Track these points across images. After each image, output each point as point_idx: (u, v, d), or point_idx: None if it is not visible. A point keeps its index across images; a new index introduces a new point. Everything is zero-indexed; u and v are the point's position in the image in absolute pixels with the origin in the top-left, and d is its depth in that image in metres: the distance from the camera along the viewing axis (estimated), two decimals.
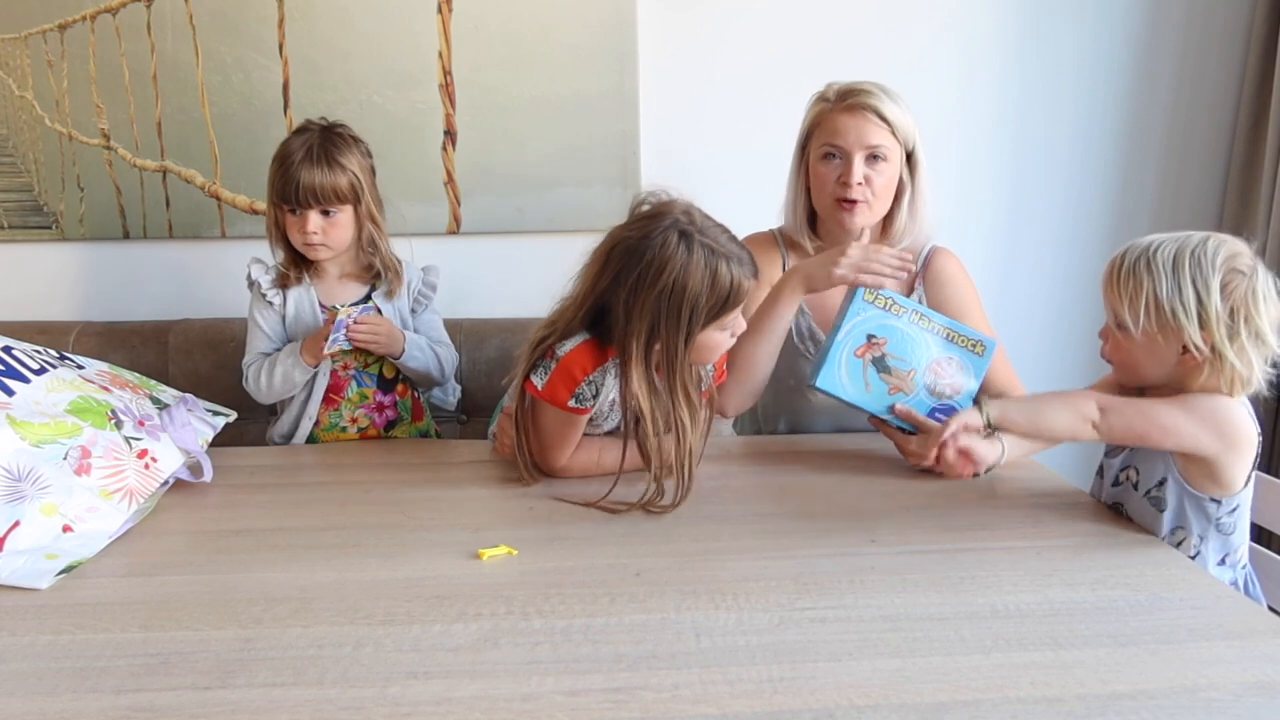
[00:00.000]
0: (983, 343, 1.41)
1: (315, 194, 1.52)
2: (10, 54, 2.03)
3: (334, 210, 1.55)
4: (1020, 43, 2.14)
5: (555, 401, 1.29)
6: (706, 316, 1.21)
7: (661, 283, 1.19)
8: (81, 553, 1.13)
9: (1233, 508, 1.15)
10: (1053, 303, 2.29)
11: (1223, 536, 1.16)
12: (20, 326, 1.82)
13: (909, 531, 1.19)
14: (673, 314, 1.20)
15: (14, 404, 1.25)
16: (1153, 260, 1.10)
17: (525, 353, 1.32)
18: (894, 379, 1.39)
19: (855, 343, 1.39)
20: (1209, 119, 2.22)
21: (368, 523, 1.24)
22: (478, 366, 1.97)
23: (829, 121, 1.48)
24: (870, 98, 1.45)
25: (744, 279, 1.22)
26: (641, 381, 1.23)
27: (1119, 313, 1.13)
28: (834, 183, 1.48)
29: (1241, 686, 0.84)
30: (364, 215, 1.60)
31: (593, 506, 1.27)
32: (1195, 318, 1.08)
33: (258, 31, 2.02)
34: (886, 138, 1.45)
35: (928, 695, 0.83)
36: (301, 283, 1.62)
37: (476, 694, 0.84)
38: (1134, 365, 1.16)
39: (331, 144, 1.55)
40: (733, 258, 1.21)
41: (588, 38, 2.05)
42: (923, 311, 1.41)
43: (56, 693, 0.85)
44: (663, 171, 2.09)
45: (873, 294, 1.39)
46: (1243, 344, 1.08)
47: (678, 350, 1.22)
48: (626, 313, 1.22)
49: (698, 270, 1.19)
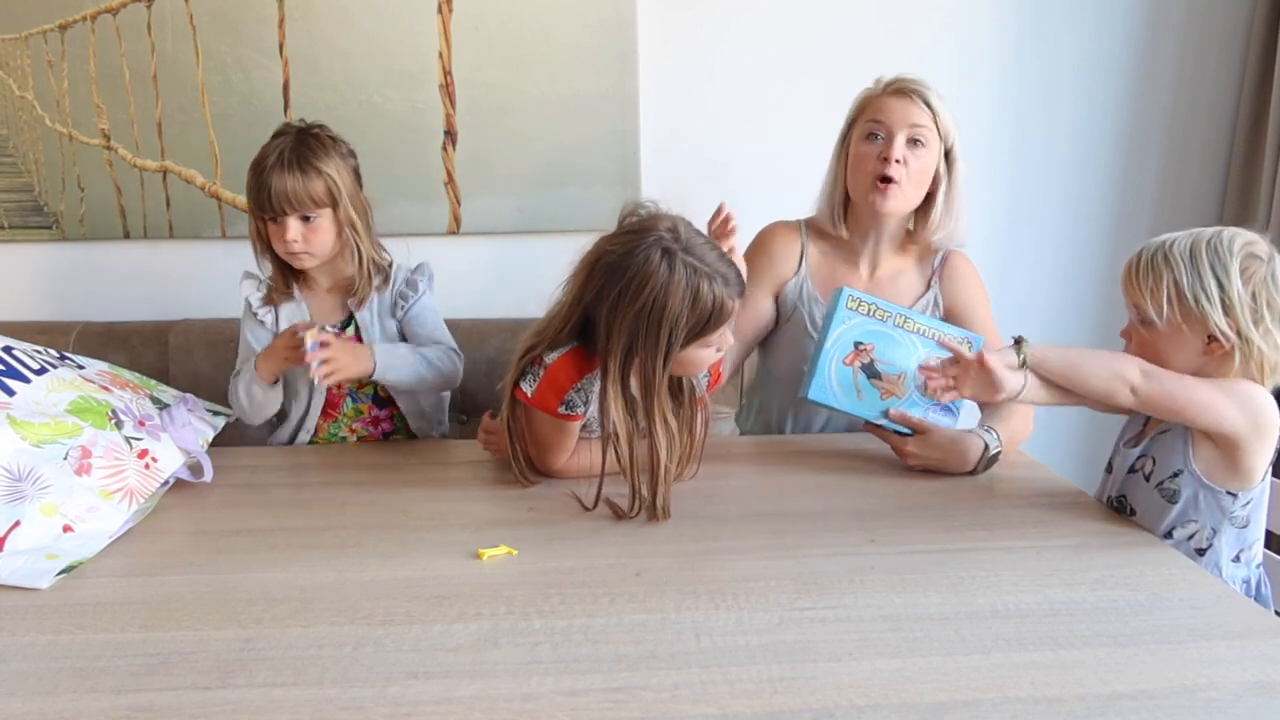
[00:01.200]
0: (970, 340, 1.41)
1: (289, 200, 1.46)
2: (10, 54, 2.03)
3: (313, 215, 1.49)
4: (1020, 43, 2.14)
5: (545, 409, 1.29)
6: (687, 335, 1.20)
7: (641, 300, 1.17)
8: (82, 553, 1.13)
9: (1248, 501, 1.15)
10: (1053, 303, 2.29)
11: (1237, 531, 1.16)
12: (20, 326, 1.82)
13: (909, 531, 1.19)
14: (651, 332, 1.18)
15: (14, 404, 1.25)
16: (1170, 253, 1.12)
17: (514, 360, 1.33)
18: (885, 384, 1.40)
19: (843, 351, 1.40)
20: (1209, 119, 2.22)
21: (368, 523, 1.24)
22: (478, 366, 1.97)
23: (875, 103, 1.51)
24: (919, 85, 1.49)
25: (727, 299, 1.20)
26: (618, 398, 1.22)
27: (1142, 307, 1.14)
28: (874, 159, 1.49)
29: (1241, 686, 0.84)
30: (343, 220, 1.52)
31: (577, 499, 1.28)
32: (1219, 303, 1.09)
33: (258, 31, 2.02)
34: (929, 122, 1.48)
35: (928, 695, 0.83)
36: (293, 298, 1.58)
37: (476, 694, 0.84)
38: (1161, 361, 1.16)
39: (306, 147, 1.48)
40: (716, 276, 1.19)
41: (588, 38, 2.05)
42: (907, 314, 1.42)
43: (56, 693, 0.85)
44: (663, 171, 2.10)
45: (855, 301, 1.40)
46: (1268, 327, 1.10)
47: (655, 369, 1.20)
48: (607, 328, 1.20)
49: (678, 289, 1.16)
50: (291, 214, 1.47)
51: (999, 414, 1.45)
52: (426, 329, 1.62)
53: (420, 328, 1.62)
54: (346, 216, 1.52)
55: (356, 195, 1.55)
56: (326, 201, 1.49)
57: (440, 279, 1.70)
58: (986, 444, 1.37)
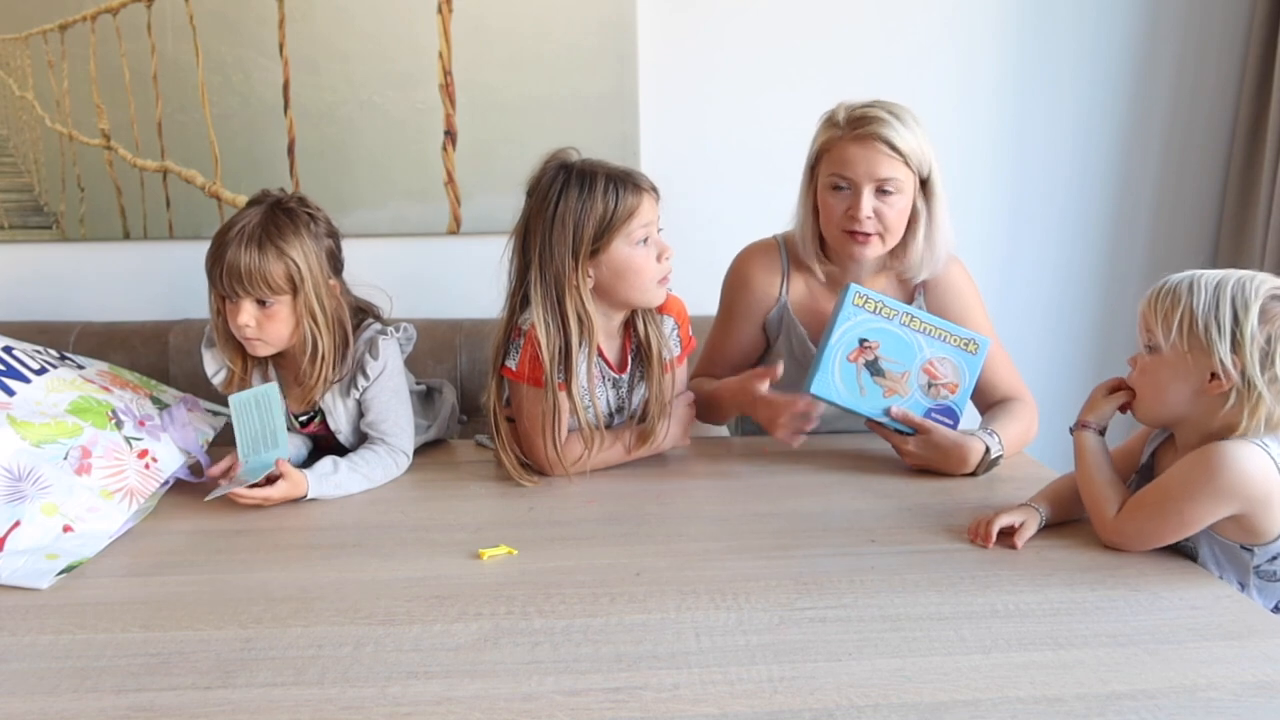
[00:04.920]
0: (975, 340, 1.41)
1: (243, 279, 1.28)
2: (11, 54, 2.03)
3: (270, 301, 1.31)
4: (1020, 43, 2.14)
5: (533, 377, 1.33)
6: (596, 229, 1.29)
7: (548, 208, 1.30)
8: (82, 552, 1.13)
9: (1272, 555, 1.07)
10: (1053, 303, 2.29)
11: (1270, 584, 1.09)
12: (20, 326, 1.82)
13: (909, 531, 1.19)
14: (560, 231, 1.30)
15: (14, 404, 1.25)
16: (1195, 282, 1.08)
17: (493, 350, 1.40)
18: (888, 381, 1.39)
19: (847, 348, 1.39)
20: (1209, 119, 2.22)
21: (368, 523, 1.24)
22: (478, 366, 1.97)
23: (838, 150, 1.40)
24: (881, 126, 1.36)
25: (627, 188, 1.31)
26: (539, 305, 1.31)
27: (1152, 330, 1.10)
28: (842, 215, 1.41)
29: (1241, 686, 0.84)
30: (301, 310, 1.33)
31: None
32: (1229, 338, 1.04)
33: (258, 31, 2.02)
34: (899, 169, 1.38)
35: (928, 695, 0.83)
36: (250, 384, 1.41)
37: (476, 694, 0.84)
38: (1158, 391, 1.12)
39: (274, 223, 1.31)
40: (615, 173, 1.31)
41: (588, 38, 2.05)
42: (913, 313, 1.40)
43: (56, 693, 0.85)
44: (663, 171, 2.08)
45: (862, 298, 1.39)
46: (1276, 375, 1.03)
47: (564, 266, 1.30)
48: (530, 243, 1.33)
49: (575, 188, 1.30)
50: (245, 296, 1.30)
51: (1002, 416, 1.45)
52: (378, 418, 1.42)
53: (373, 415, 1.42)
54: (307, 306, 1.34)
55: (323, 283, 1.36)
56: (285, 288, 1.32)
57: (440, 279, 1.69)
58: (988, 447, 1.36)
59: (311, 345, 1.36)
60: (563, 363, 1.33)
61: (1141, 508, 1.11)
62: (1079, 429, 1.20)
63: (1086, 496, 1.17)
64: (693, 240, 1.72)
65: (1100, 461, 1.17)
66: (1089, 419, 1.20)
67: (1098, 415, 1.19)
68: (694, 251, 1.73)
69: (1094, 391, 1.22)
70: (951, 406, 1.41)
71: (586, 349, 1.34)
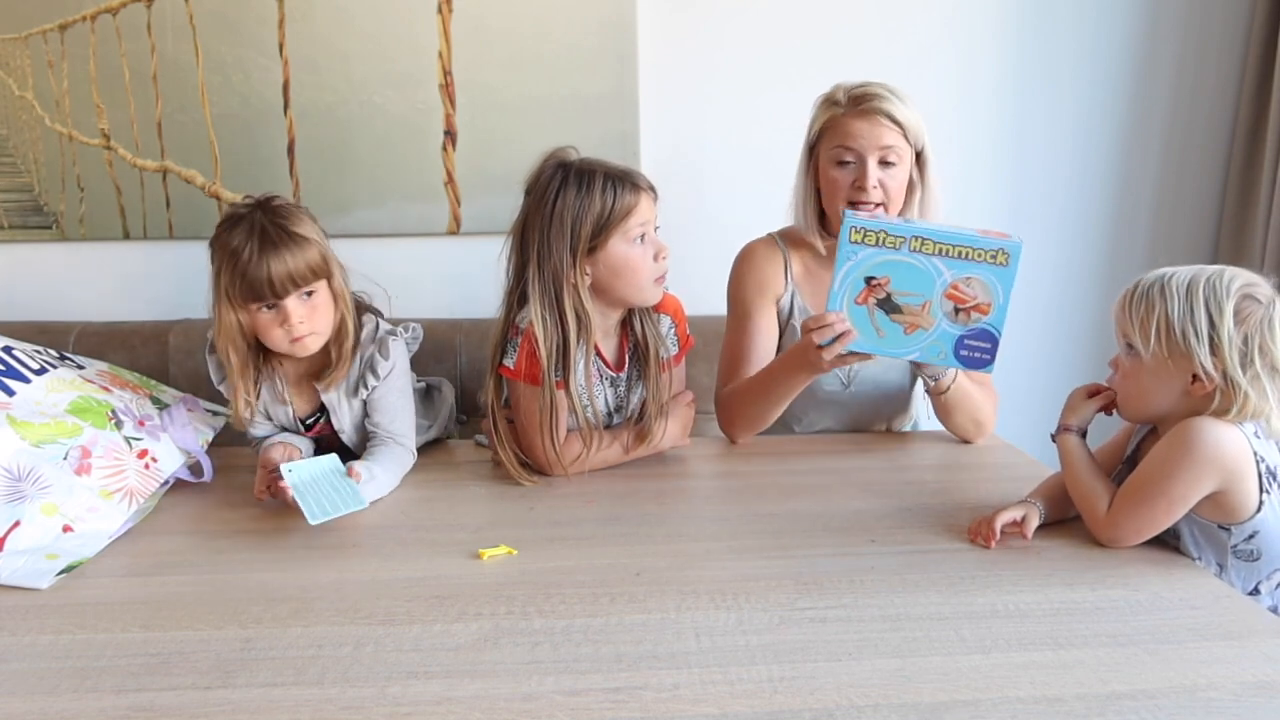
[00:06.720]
0: (1005, 250, 1.23)
1: (291, 278, 1.29)
2: (10, 54, 2.03)
3: (313, 288, 1.33)
4: (1020, 42, 2.14)
5: (531, 375, 1.33)
6: (594, 227, 1.30)
7: (545, 206, 1.31)
8: (82, 552, 1.13)
9: (1248, 534, 1.08)
10: (1053, 303, 2.29)
11: (1246, 564, 1.11)
12: (20, 326, 1.82)
13: (909, 531, 1.19)
14: (557, 229, 1.30)
15: (14, 404, 1.25)
16: (1166, 286, 1.08)
17: (491, 349, 1.40)
18: (906, 317, 1.28)
19: (853, 291, 1.27)
20: (1209, 119, 2.22)
21: (368, 523, 1.24)
22: (477, 366, 1.97)
23: (841, 125, 1.45)
24: (882, 101, 1.43)
25: (624, 186, 1.31)
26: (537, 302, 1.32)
27: (1130, 336, 1.11)
28: (849, 187, 1.46)
29: (1241, 686, 0.84)
30: (337, 290, 1.36)
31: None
32: (1207, 341, 1.05)
33: (258, 31, 2.02)
34: (898, 139, 1.44)
35: (928, 695, 0.83)
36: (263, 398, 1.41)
37: (476, 694, 0.84)
38: (1141, 393, 1.13)
39: (280, 217, 1.31)
40: (613, 172, 1.32)
41: (588, 38, 2.05)
42: (924, 234, 1.25)
43: (56, 693, 0.85)
44: (663, 171, 2.09)
45: (859, 231, 1.26)
46: (1257, 372, 1.04)
47: (562, 264, 1.31)
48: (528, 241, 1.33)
49: (572, 186, 1.30)
50: (293, 292, 1.30)
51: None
52: (387, 418, 1.42)
53: (382, 415, 1.42)
54: (340, 287, 1.37)
55: (338, 262, 1.39)
56: (323, 270, 1.34)
57: (440, 279, 1.69)
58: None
59: (342, 326, 1.38)
60: (560, 360, 1.33)
61: (1129, 498, 1.12)
62: (1061, 433, 1.21)
63: (1077, 498, 1.18)
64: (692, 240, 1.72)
65: (1086, 463, 1.18)
66: (1071, 422, 1.21)
67: (1079, 418, 1.21)
68: (693, 251, 1.74)
69: (1072, 395, 1.23)
70: (987, 329, 1.27)
71: (584, 346, 1.35)
